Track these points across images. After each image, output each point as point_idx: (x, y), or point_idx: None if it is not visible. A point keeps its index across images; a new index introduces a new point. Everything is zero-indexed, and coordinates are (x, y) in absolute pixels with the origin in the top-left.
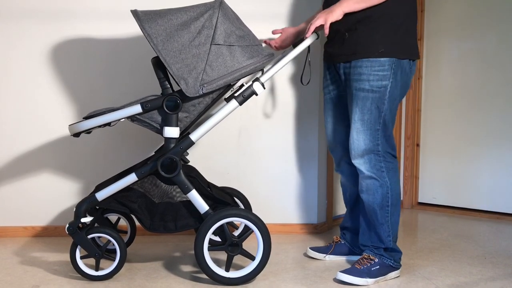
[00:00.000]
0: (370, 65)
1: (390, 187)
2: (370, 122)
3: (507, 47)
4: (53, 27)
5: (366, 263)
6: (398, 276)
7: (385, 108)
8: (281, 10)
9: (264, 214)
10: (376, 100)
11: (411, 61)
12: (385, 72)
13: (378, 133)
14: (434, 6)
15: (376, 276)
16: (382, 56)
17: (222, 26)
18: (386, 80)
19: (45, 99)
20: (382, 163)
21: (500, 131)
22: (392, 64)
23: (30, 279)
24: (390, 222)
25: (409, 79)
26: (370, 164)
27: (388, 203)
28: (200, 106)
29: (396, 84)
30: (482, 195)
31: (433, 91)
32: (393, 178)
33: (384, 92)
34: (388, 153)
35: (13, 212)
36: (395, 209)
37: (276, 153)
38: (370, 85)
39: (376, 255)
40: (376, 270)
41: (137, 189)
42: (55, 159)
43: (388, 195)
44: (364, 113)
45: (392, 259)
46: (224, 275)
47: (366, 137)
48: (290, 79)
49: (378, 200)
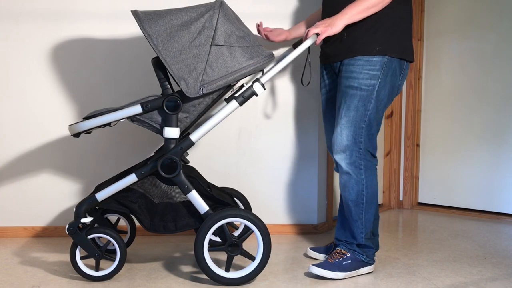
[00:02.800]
0: (362, 64)
1: (365, 185)
2: (355, 119)
3: (507, 47)
4: (53, 27)
5: (338, 257)
6: (371, 272)
7: (371, 107)
8: (281, 11)
9: (264, 215)
10: (363, 98)
11: (404, 62)
12: (375, 72)
13: (362, 131)
14: (434, 6)
15: (347, 270)
16: (379, 54)
17: (222, 27)
18: (375, 79)
19: (45, 99)
20: (361, 161)
21: (500, 131)
22: (384, 65)
23: (30, 279)
24: (364, 219)
25: (399, 81)
26: (350, 160)
27: (363, 201)
28: (200, 106)
29: (384, 85)
30: (482, 195)
31: (433, 91)
32: (370, 176)
33: (372, 91)
34: (369, 152)
35: (13, 213)
36: (370, 207)
37: (276, 154)
38: (359, 83)
39: (348, 250)
40: (347, 264)
41: (137, 190)
42: (55, 159)
43: (363, 192)
44: (350, 110)
45: (364, 255)
46: (224, 276)
47: (349, 133)
48: (290, 80)
49: (353, 197)
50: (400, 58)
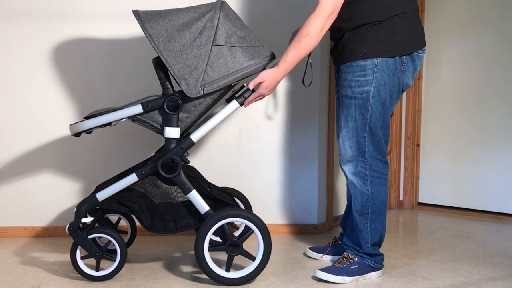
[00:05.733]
0: (352, 70)
1: (371, 196)
2: (355, 129)
3: (507, 47)
4: (53, 27)
5: (346, 262)
6: (380, 276)
7: (369, 115)
8: (281, 11)
9: (264, 214)
10: (358, 106)
11: (401, 57)
12: (367, 77)
13: (365, 140)
14: (434, 6)
15: (354, 275)
16: (365, 57)
17: (223, 27)
18: (368, 85)
19: (46, 99)
20: (367, 171)
21: (500, 131)
22: (374, 67)
23: (30, 280)
24: (369, 229)
25: (402, 77)
26: (354, 170)
27: (368, 211)
28: (200, 106)
29: (380, 88)
30: (482, 195)
31: (433, 91)
32: (377, 187)
33: (367, 98)
34: (377, 160)
35: (13, 213)
36: (377, 217)
37: (276, 154)
38: (352, 92)
39: (356, 255)
40: (355, 269)
41: (137, 190)
42: (55, 159)
43: (368, 203)
44: (348, 120)
45: (372, 260)
46: (225, 276)
47: (352, 144)
48: (290, 80)
49: (357, 207)
50: (388, 57)
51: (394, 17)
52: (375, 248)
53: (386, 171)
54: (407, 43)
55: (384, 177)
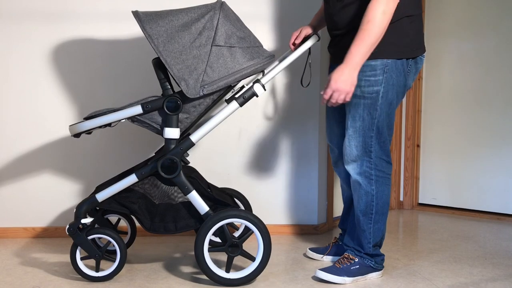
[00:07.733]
0: (362, 69)
1: (375, 196)
2: (362, 129)
3: (507, 48)
4: (53, 28)
5: (346, 262)
6: (380, 277)
7: (377, 114)
8: (281, 11)
9: (264, 215)
10: (368, 106)
11: (408, 60)
12: (377, 77)
13: (371, 140)
14: (434, 6)
15: (354, 275)
16: (376, 57)
17: (223, 28)
18: (378, 85)
19: (46, 100)
20: (372, 171)
21: (500, 131)
22: (385, 68)
23: (30, 280)
24: (372, 230)
25: (407, 79)
26: (360, 170)
27: (372, 211)
28: (200, 107)
29: (389, 88)
30: (482, 195)
31: (433, 92)
32: (381, 187)
33: (376, 98)
34: (382, 159)
35: (13, 213)
36: (380, 218)
37: (276, 154)
38: (361, 91)
39: (356, 255)
40: (355, 270)
41: (137, 190)
42: (55, 160)
43: (373, 203)
44: (356, 120)
45: (373, 261)
46: (224, 276)
47: (358, 144)
48: (290, 81)
49: (361, 207)
50: (398, 58)
51: (404, 19)
52: (376, 248)
53: (390, 171)
54: (414, 46)
55: (388, 177)
